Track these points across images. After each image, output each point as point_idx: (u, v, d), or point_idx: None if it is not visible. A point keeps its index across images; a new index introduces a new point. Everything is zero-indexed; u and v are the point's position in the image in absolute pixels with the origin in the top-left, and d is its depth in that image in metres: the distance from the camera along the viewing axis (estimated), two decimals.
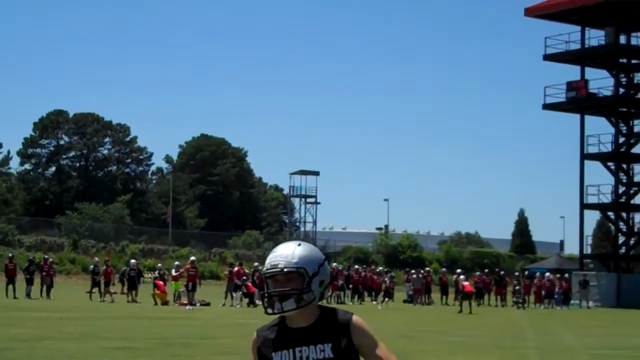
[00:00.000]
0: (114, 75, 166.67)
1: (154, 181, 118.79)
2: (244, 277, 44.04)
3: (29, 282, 44.84)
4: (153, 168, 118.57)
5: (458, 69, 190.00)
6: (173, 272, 45.27)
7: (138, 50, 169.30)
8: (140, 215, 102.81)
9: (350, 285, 52.62)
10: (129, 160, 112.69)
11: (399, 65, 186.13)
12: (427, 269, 62.63)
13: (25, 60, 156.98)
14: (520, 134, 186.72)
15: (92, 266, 47.36)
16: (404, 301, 54.91)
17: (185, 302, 42.27)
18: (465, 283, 45.66)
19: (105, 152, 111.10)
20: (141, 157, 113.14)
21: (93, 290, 44.94)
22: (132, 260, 49.54)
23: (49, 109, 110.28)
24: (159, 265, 52.58)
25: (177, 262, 49.20)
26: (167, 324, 28.76)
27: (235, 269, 44.79)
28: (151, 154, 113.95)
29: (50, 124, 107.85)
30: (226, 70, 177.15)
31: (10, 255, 49.73)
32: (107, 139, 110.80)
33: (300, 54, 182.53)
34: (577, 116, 67.32)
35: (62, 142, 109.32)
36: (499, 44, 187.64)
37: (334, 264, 58.55)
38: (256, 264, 51.30)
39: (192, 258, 46.61)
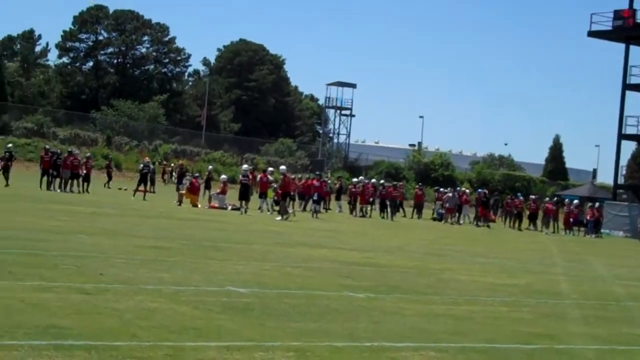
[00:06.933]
0: None
1: (190, 83, 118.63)
2: (273, 185, 43.73)
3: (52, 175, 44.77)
4: (190, 70, 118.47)
5: None
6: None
7: None
8: (174, 116, 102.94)
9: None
10: (167, 60, 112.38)
11: None
12: (464, 188, 62.17)
13: None
14: (563, 60, 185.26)
15: (141, 165, 46.78)
16: (434, 219, 54.85)
17: (216, 205, 42.49)
18: None
19: (143, 50, 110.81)
20: (179, 58, 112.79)
21: (140, 189, 44.67)
22: (245, 166, 47.55)
23: (89, 4, 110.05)
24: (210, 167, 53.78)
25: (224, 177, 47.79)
26: (199, 226, 28.88)
27: (259, 176, 44.55)
28: (189, 56, 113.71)
29: (90, 18, 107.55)
30: None
31: (46, 147, 49.79)
32: (145, 38, 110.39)
33: None
34: (622, 46, 66.36)
35: (100, 38, 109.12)
36: None
37: (361, 177, 58.15)
38: (293, 176, 50.92)
39: (283, 167, 44.80)
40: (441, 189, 58.62)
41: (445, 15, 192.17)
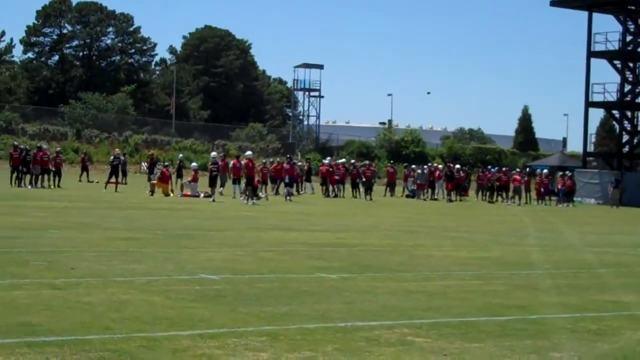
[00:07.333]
0: None
1: (158, 72, 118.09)
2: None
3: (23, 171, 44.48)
4: (157, 59, 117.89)
5: None
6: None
7: None
8: (143, 106, 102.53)
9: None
10: (133, 50, 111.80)
11: None
12: (436, 164, 61.90)
13: None
14: (527, 31, 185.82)
15: (112, 157, 46.70)
16: (407, 196, 54.93)
17: (189, 193, 42.45)
18: None
19: (109, 41, 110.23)
20: (145, 47, 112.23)
21: (111, 181, 44.62)
22: (213, 153, 46.80)
23: None
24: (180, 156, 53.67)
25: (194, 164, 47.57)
26: (171, 215, 28.84)
27: (232, 162, 44.16)
28: (155, 45, 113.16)
29: (53, 12, 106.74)
30: None
31: (15, 143, 49.48)
32: (110, 29, 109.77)
33: None
34: (586, 13, 66.52)
35: (65, 31, 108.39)
36: None
37: (328, 158, 57.99)
38: (264, 160, 51.60)
39: (248, 153, 44.14)
40: (412, 166, 58.57)
41: None
